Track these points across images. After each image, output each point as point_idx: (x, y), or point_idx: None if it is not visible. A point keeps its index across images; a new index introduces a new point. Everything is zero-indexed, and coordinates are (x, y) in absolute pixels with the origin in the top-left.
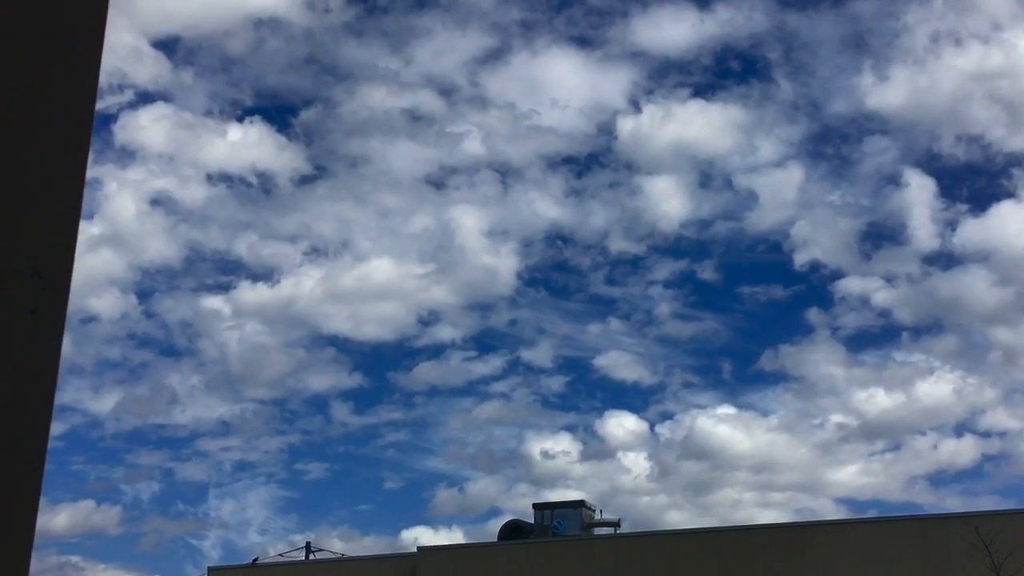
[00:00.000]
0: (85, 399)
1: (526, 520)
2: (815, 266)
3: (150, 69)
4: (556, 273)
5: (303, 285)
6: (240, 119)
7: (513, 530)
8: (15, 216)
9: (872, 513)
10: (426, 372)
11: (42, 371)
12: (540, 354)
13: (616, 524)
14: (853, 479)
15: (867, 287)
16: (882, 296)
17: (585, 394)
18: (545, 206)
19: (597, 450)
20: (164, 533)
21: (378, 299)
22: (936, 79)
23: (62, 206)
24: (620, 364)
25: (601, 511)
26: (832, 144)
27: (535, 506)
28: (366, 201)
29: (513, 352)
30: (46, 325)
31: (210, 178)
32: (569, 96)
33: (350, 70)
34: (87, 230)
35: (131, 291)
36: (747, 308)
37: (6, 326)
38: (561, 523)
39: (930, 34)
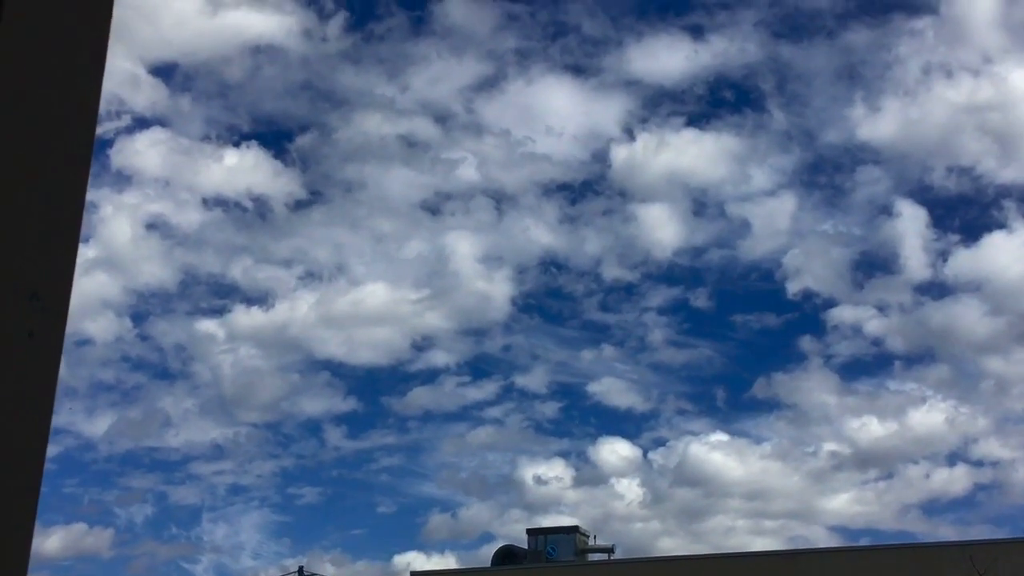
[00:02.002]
0: (78, 421)
1: (520, 545)
2: (808, 295)
3: (147, 95)
4: (550, 299)
5: (298, 309)
6: (236, 144)
7: (507, 556)
8: (14, 239)
9: (865, 541)
10: (420, 397)
11: (39, 394)
12: (534, 380)
13: (610, 550)
14: (846, 507)
15: (859, 316)
16: (874, 325)
17: (578, 420)
18: (539, 233)
19: (590, 476)
20: (157, 556)
21: (372, 324)
22: (927, 111)
23: (61, 230)
24: (613, 390)
25: (595, 537)
26: (825, 174)
27: (529, 531)
28: (361, 226)
29: (507, 378)
30: (44, 348)
31: (206, 202)
32: (564, 124)
33: (346, 96)
34: (83, 253)
35: (126, 314)
36: (740, 336)
37: (3, 349)
38: (555, 549)
39: (922, 66)
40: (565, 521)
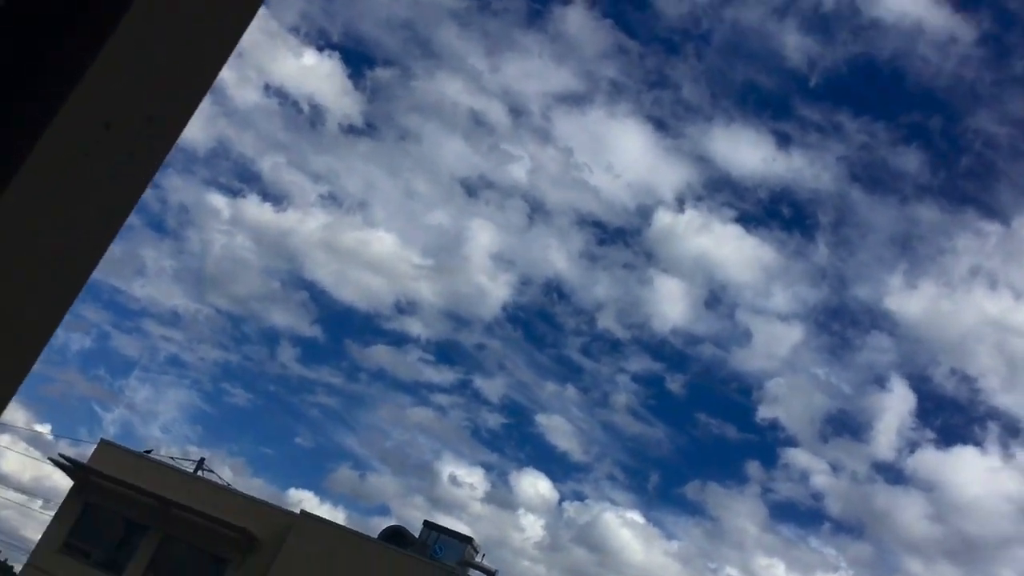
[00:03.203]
0: None
1: (411, 532)
2: (775, 425)
3: None
4: (540, 321)
5: (306, 224)
6: (320, 49)
7: (395, 535)
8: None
9: None
10: (381, 355)
11: (115, 206)
12: (491, 387)
13: (492, 574)
14: None
15: (813, 466)
16: (822, 480)
17: (515, 442)
18: (558, 256)
19: (502, 498)
20: (75, 388)
21: (368, 269)
22: (959, 308)
23: (200, 63)
24: (559, 430)
25: (484, 556)
26: (840, 322)
27: (426, 523)
28: (399, 175)
29: (468, 374)
30: (141, 167)
31: (267, 88)
32: (625, 167)
33: (440, 52)
34: None
35: None
36: (697, 434)
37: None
38: (443, 550)
39: (972, 266)
40: (462, 528)
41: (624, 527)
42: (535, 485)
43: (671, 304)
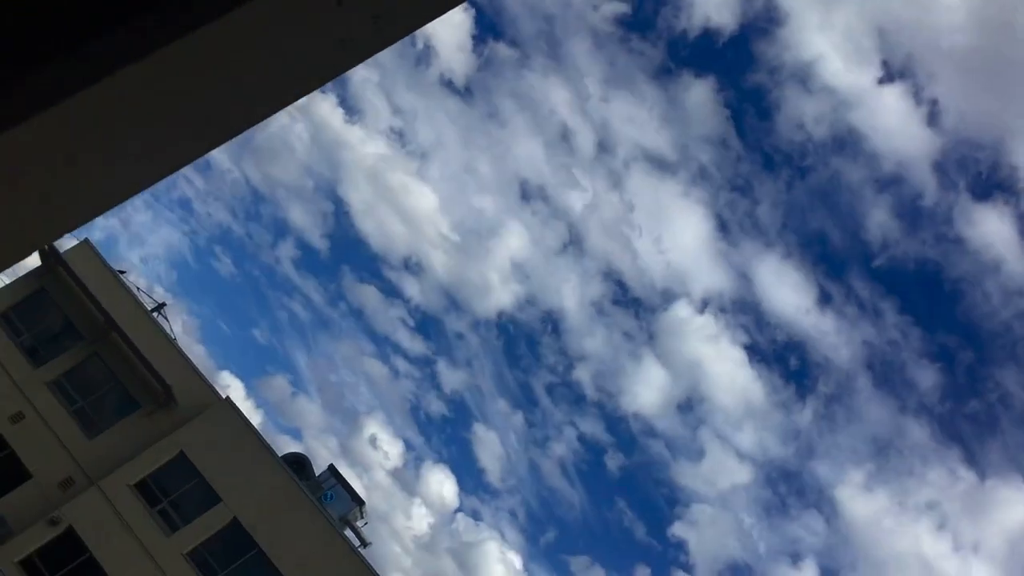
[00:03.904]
0: None
1: (313, 466)
2: (681, 546)
3: None
4: (523, 342)
5: (364, 147)
6: None
7: (296, 462)
8: None
9: None
10: (367, 296)
11: None
12: (450, 377)
13: (363, 544)
14: None
15: None
16: None
17: (445, 436)
18: (568, 292)
19: (407, 480)
20: None
21: (398, 214)
22: (899, 531)
23: None
24: (489, 448)
25: (366, 525)
26: (788, 486)
27: (331, 467)
28: (470, 147)
29: (435, 355)
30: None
31: None
32: (672, 246)
33: (564, 58)
34: None
35: None
36: (609, 516)
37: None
38: (332, 498)
39: (930, 500)
40: (361, 490)
41: (500, 564)
42: (442, 484)
43: (647, 390)
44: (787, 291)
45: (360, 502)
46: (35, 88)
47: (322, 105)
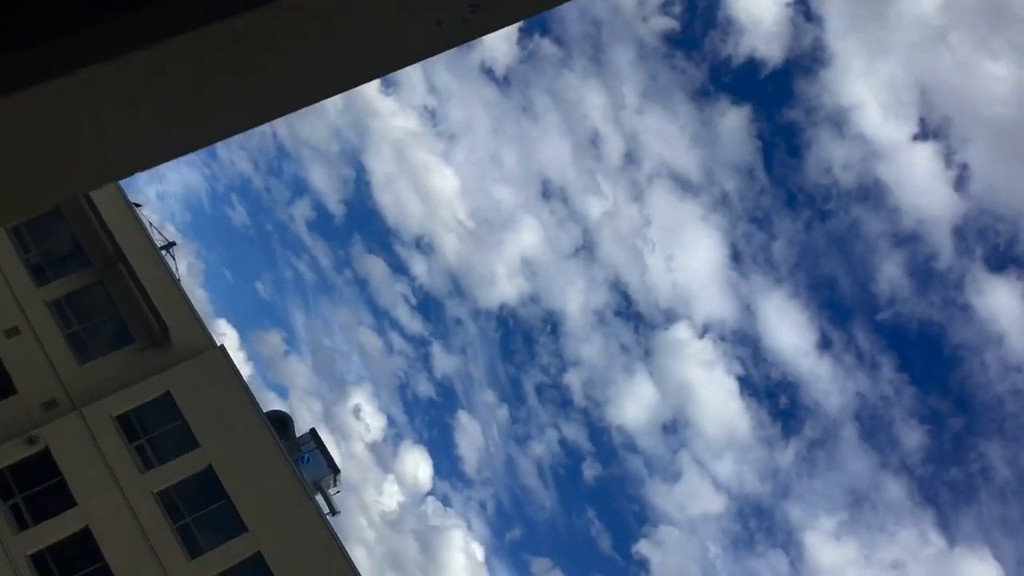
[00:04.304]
0: None
1: (296, 428)
2: (643, 564)
3: None
4: (521, 338)
5: (396, 119)
6: None
7: (278, 420)
8: None
9: None
10: (374, 268)
11: None
12: (443, 363)
13: (332, 512)
14: None
15: None
16: None
17: (428, 418)
18: (575, 297)
19: (384, 456)
20: None
21: (418, 192)
22: None
23: None
24: (470, 437)
25: (337, 493)
26: (759, 523)
27: (312, 431)
28: (499, 137)
29: (433, 338)
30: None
31: None
32: (682, 267)
33: (605, 64)
34: None
35: None
36: (577, 523)
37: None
38: (309, 462)
39: (896, 559)
40: (338, 458)
41: (462, 553)
42: (418, 465)
43: (635, 405)
44: (789, 330)
45: (336, 470)
46: (100, 36)
47: None
